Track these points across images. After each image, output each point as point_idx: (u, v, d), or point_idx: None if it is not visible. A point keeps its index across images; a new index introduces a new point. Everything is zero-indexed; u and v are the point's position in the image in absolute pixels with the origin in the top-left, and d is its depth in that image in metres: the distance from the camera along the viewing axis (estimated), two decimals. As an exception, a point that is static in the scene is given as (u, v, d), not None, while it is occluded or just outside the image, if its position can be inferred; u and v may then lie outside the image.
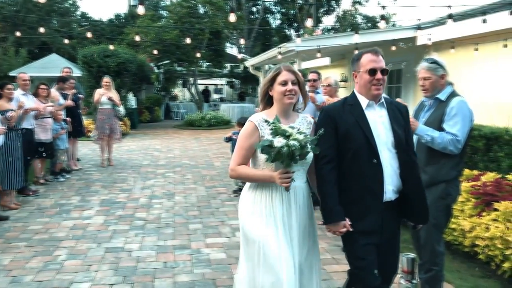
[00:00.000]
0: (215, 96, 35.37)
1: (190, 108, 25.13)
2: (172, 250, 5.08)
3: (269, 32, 33.29)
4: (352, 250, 2.83)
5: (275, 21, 35.23)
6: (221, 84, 36.83)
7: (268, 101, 2.88)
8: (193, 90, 23.55)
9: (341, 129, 2.71)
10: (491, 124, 5.75)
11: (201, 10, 20.47)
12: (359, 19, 30.06)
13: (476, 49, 7.80)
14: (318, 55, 9.45)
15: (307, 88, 6.64)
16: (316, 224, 2.99)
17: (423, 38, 8.84)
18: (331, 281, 4.30)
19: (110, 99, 10.03)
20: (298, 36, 9.32)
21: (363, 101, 2.79)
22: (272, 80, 2.79)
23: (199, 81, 28.34)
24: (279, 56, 9.91)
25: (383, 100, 2.83)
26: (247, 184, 2.95)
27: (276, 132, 2.51)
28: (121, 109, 10.37)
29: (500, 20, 6.87)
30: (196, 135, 17.54)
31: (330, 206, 2.72)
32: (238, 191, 7.73)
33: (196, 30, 18.94)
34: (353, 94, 2.86)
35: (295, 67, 3.33)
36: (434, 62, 3.61)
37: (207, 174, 9.61)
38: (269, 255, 2.70)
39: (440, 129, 3.46)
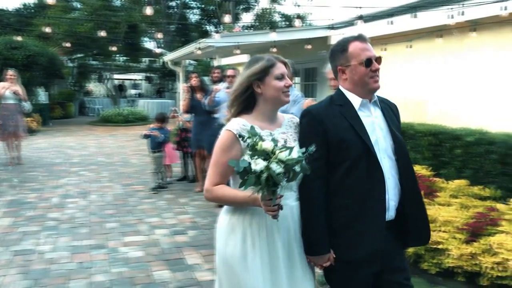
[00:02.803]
0: (133, 92, 34.42)
1: (106, 104, 24.25)
2: (88, 250, 4.90)
3: (188, 27, 32.93)
4: (344, 286, 2.31)
5: (194, 17, 34.94)
6: (139, 79, 35.91)
7: (246, 102, 2.29)
8: (109, 85, 22.73)
9: (333, 136, 2.17)
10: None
11: (117, 3, 19.79)
12: (277, 17, 30.63)
13: (385, 49, 8.29)
14: (237, 51, 9.53)
15: (226, 84, 6.70)
16: None
17: (336, 38, 9.22)
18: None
19: (15, 92, 9.40)
20: (217, 32, 9.34)
21: (355, 100, 2.28)
22: (263, 73, 2.25)
23: (116, 76, 27.43)
24: (198, 52, 9.88)
25: (376, 98, 2.35)
26: (225, 209, 2.37)
27: (254, 150, 1.96)
28: (27, 105, 9.73)
29: (405, 22, 7.35)
30: (112, 131, 16.99)
31: (315, 235, 2.20)
32: (156, 188, 7.62)
33: (112, 23, 18.29)
34: (339, 92, 2.33)
35: (215, 63, 3.16)
36: None
37: (124, 171, 9.36)
38: None
39: None
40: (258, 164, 1.90)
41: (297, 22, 5.97)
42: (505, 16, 5.69)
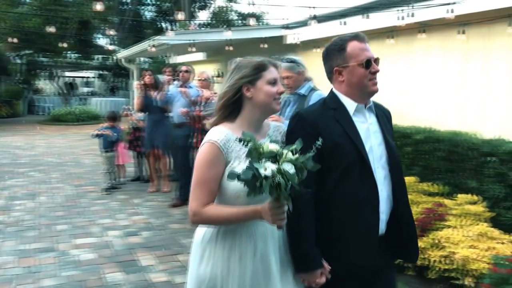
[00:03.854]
0: (85, 90, 33.47)
1: (56, 102, 23.46)
2: (36, 253, 4.72)
3: (143, 24, 32.35)
4: None
5: (148, 14, 34.36)
6: (92, 77, 34.95)
7: (232, 107, 2.05)
8: (59, 82, 22.00)
9: (325, 141, 1.94)
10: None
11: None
12: (233, 16, 30.58)
13: (338, 49, 8.45)
14: (192, 49, 9.44)
15: (179, 82, 6.63)
16: None
17: (291, 37, 9.31)
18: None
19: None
20: (172, 29, 9.21)
21: (350, 104, 2.12)
22: (254, 76, 2.02)
23: (67, 73, 26.59)
24: (152, 49, 9.72)
25: (372, 103, 2.20)
26: (204, 233, 2.06)
27: (258, 154, 1.73)
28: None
29: (357, 23, 7.50)
30: (63, 131, 16.47)
31: (304, 249, 2.01)
32: (109, 189, 7.44)
33: (62, 18, 17.70)
34: (333, 96, 2.17)
35: (170, 61, 3.00)
36: (292, 61, 3.84)
37: (75, 172, 9.09)
38: None
39: None
40: (268, 168, 1.66)
41: (251, 21, 5.97)
42: (451, 18, 5.90)
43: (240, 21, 28.93)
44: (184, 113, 5.90)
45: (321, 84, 3.97)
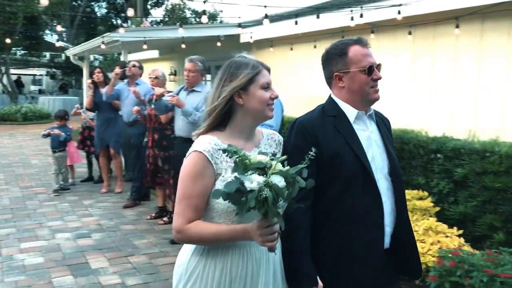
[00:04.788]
0: (33, 88, 32.27)
1: (2, 101, 22.48)
2: (-22, 259, 4.52)
3: (95, 21, 31.51)
4: None
5: (100, 10, 33.52)
6: (40, 75, 33.73)
7: (224, 116, 1.88)
8: (5, 80, 21.10)
9: (325, 151, 1.89)
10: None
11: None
12: (188, 14, 30.28)
13: (291, 49, 8.51)
14: (144, 46, 9.26)
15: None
16: None
17: (245, 36, 9.31)
18: (158, 274, 4.30)
19: None
20: (122, 26, 9.00)
21: (350, 111, 2.01)
22: (248, 81, 1.86)
23: (14, 71, 25.54)
24: (103, 46, 9.46)
25: (372, 110, 2.09)
26: (189, 250, 1.90)
27: (245, 165, 1.59)
28: None
29: (310, 23, 7.60)
30: (9, 130, 15.85)
31: (298, 265, 1.87)
32: (58, 190, 7.21)
33: (7, 13, 16.97)
34: (332, 102, 2.06)
35: (124, 58, 2.83)
36: (245, 58, 3.84)
37: (23, 173, 8.75)
38: None
39: None
40: (255, 180, 1.51)
41: (203, 18, 5.91)
42: (400, 20, 6.07)
43: (195, 19, 28.71)
44: (136, 111, 5.80)
45: (277, 84, 4.00)
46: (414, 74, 6.31)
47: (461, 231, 4.14)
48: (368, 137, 2.01)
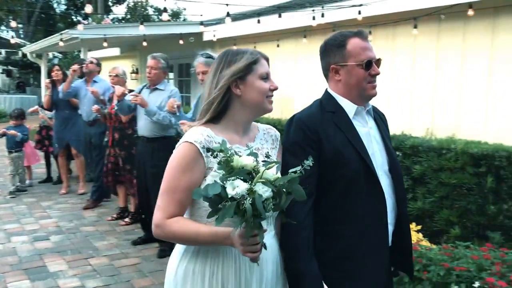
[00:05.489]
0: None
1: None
2: None
3: (54, 17, 30.67)
4: None
5: (59, 7, 32.64)
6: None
7: (221, 108, 1.76)
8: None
9: (328, 149, 1.81)
10: (266, 116, 6.37)
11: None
12: (150, 11, 29.88)
13: (255, 47, 8.54)
14: (105, 44, 9.07)
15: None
16: None
17: (209, 34, 9.26)
18: (119, 275, 4.22)
19: None
20: (85, 23, 8.80)
21: (349, 107, 1.93)
22: (246, 70, 1.74)
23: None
24: (61, 43, 9.21)
25: (370, 106, 2.02)
26: (180, 249, 1.80)
27: (230, 168, 1.46)
28: None
29: (272, 22, 7.63)
30: (-37, 130, 15.16)
31: (305, 268, 1.77)
32: (15, 192, 6.97)
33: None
34: (329, 97, 1.97)
35: (81, 56, 2.69)
36: (210, 57, 3.82)
37: (-23, 174, 8.43)
38: None
39: None
40: (238, 187, 1.40)
41: (164, 16, 5.83)
42: (361, 20, 6.18)
43: (157, 17, 28.35)
44: (96, 110, 5.67)
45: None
46: (374, 73, 6.44)
47: (419, 227, 4.24)
48: (368, 133, 1.95)
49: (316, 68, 6.98)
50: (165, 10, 5.91)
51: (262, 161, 1.53)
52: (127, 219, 5.73)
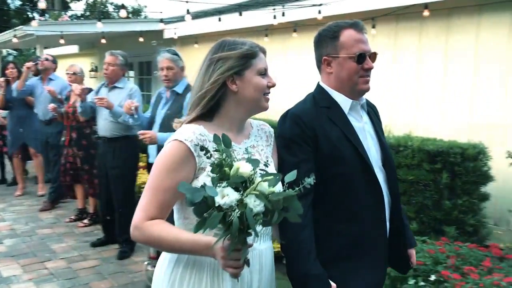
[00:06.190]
0: None
1: None
2: None
3: (8, 13, 29.58)
4: None
5: (14, 2, 31.53)
6: None
7: (213, 104, 1.63)
8: None
9: (324, 146, 1.76)
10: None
11: None
12: (110, 8, 29.27)
13: (216, 46, 8.53)
14: (62, 41, 8.81)
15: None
16: None
17: (169, 32, 9.15)
18: (77, 278, 4.11)
19: None
20: (34, 19, 8.52)
21: (344, 101, 1.86)
22: (243, 65, 1.62)
23: None
24: (15, 40, 8.89)
25: (364, 100, 1.96)
26: (166, 260, 1.67)
27: (222, 173, 1.33)
28: None
29: (234, 21, 7.62)
30: None
31: (309, 267, 1.69)
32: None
33: None
34: (322, 91, 1.91)
35: (37, 53, 2.52)
36: (176, 53, 3.77)
37: None
38: None
39: None
40: (227, 196, 1.26)
41: (122, 13, 5.70)
42: (321, 19, 6.24)
43: (118, 14, 27.80)
44: (52, 109, 5.49)
45: (193, 81, 3.94)
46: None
47: (378, 222, 4.33)
48: (363, 128, 1.89)
49: (278, 66, 7.10)
50: (123, 6, 5.79)
51: (260, 170, 1.39)
52: (86, 221, 5.59)
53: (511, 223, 4.66)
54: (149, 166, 4.05)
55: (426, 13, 5.29)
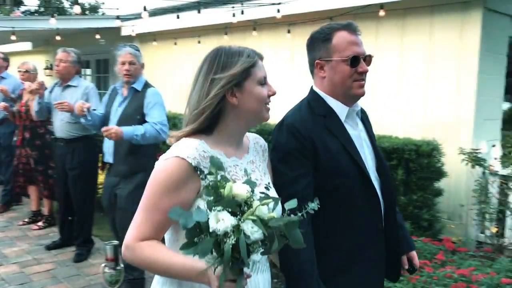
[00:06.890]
0: None
1: None
2: None
3: (-45, 8, 28.24)
4: None
5: (-38, -4, 30.12)
6: None
7: (213, 117, 1.52)
8: None
9: (323, 158, 1.67)
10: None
11: None
12: (66, 4, 28.46)
13: (176, 43, 8.39)
14: (13, 37, 8.48)
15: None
16: None
17: (127, 29, 8.97)
18: (31, 283, 3.99)
19: None
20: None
21: (341, 109, 1.79)
22: (243, 76, 1.52)
23: None
24: (-37, 37, 8.52)
25: (359, 106, 1.89)
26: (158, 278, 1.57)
27: (218, 195, 1.23)
28: None
29: (192, 18, 7.54)
30: None
31: (310, 284, 1.61)
32: None
33: None
34: (317, 98, 1.82)
35: None
36: (138, 49, 3.72)
37: None
38: None
39: (141, 120, 3.55)
40: (223, 221, 1.16)
41: (76, 9, 5.53)
42: (280, 18, 6.27)
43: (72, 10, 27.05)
44: (3, 108, 5.29)
45: (162, 79, 3.89)
46: (294, 71, 6.57)
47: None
48: (358, 136, 1.82)
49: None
50: (76, 2, 5.61)
51: (260, 192, 1.29)
52: (40, 223, 5.42)
53: (463, 217, 4.83)
54: (103, 165, 3.94)
55: (382, 13, 5.40)
